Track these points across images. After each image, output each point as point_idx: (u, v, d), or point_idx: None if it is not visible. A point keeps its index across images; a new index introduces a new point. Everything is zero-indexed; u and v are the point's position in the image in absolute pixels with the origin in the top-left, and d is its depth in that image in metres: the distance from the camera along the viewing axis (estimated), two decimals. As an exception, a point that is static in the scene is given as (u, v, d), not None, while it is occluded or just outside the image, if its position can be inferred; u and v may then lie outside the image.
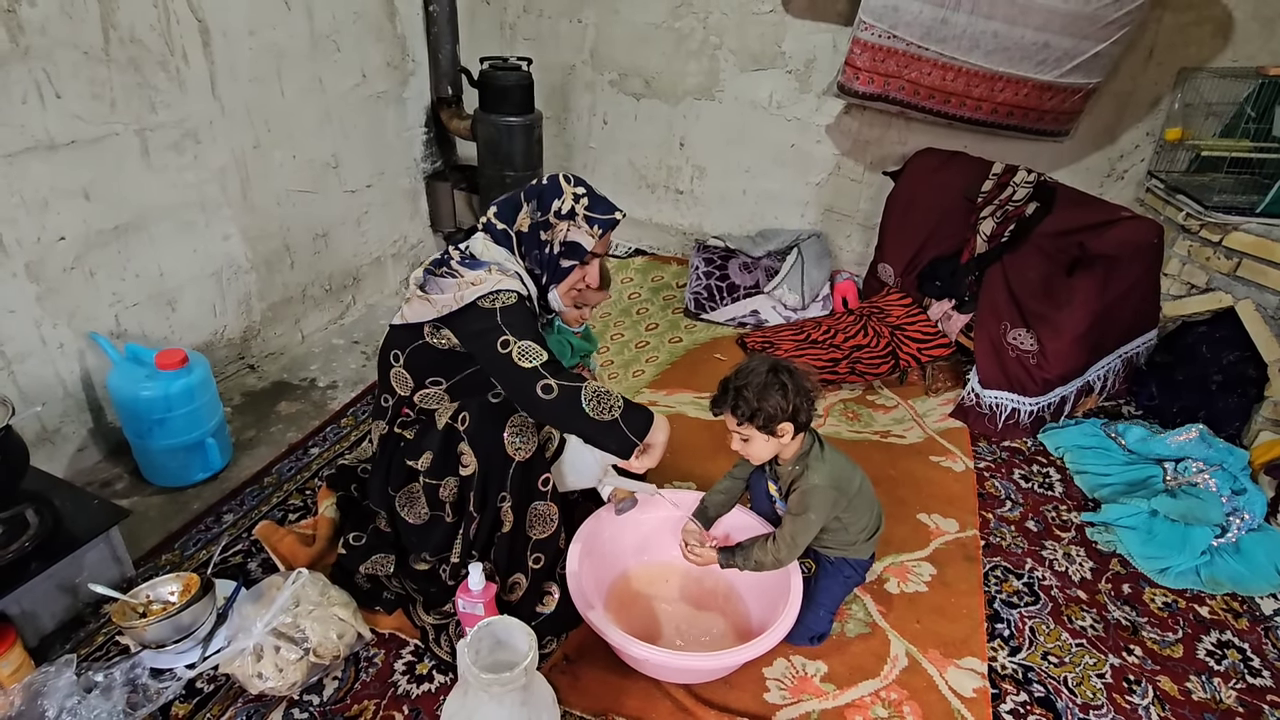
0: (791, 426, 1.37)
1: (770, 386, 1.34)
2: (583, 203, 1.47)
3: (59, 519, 1.46)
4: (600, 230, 1.48)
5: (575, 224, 1.46)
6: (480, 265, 1.43)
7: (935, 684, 1.49)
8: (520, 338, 1.33)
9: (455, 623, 1.50)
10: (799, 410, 1.36)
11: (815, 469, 1.42)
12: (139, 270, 1.93)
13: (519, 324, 1.35)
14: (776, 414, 1.35)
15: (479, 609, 1.41)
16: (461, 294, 1.37)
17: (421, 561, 1.55)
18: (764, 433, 1.38)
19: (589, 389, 1.33)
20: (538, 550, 1.47)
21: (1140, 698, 1.51)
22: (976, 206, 2.57)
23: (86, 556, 1.47)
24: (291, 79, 2.23)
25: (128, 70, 1.79)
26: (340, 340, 2.60)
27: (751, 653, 1.32)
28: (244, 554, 1.68)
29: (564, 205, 1.46)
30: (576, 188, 1.48)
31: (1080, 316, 2.16)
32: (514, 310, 1.37)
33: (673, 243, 3.43)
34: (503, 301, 1.37)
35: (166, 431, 1.77)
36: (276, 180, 2.28)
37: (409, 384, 1.46)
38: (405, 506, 1.47)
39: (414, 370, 1.45)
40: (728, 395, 1.39)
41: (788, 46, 2.88)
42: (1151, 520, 1.91)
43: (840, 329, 2.66)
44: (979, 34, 2.34)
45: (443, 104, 2.87)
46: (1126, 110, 2.63)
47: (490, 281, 1.38)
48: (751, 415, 1.36)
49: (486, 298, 1.36)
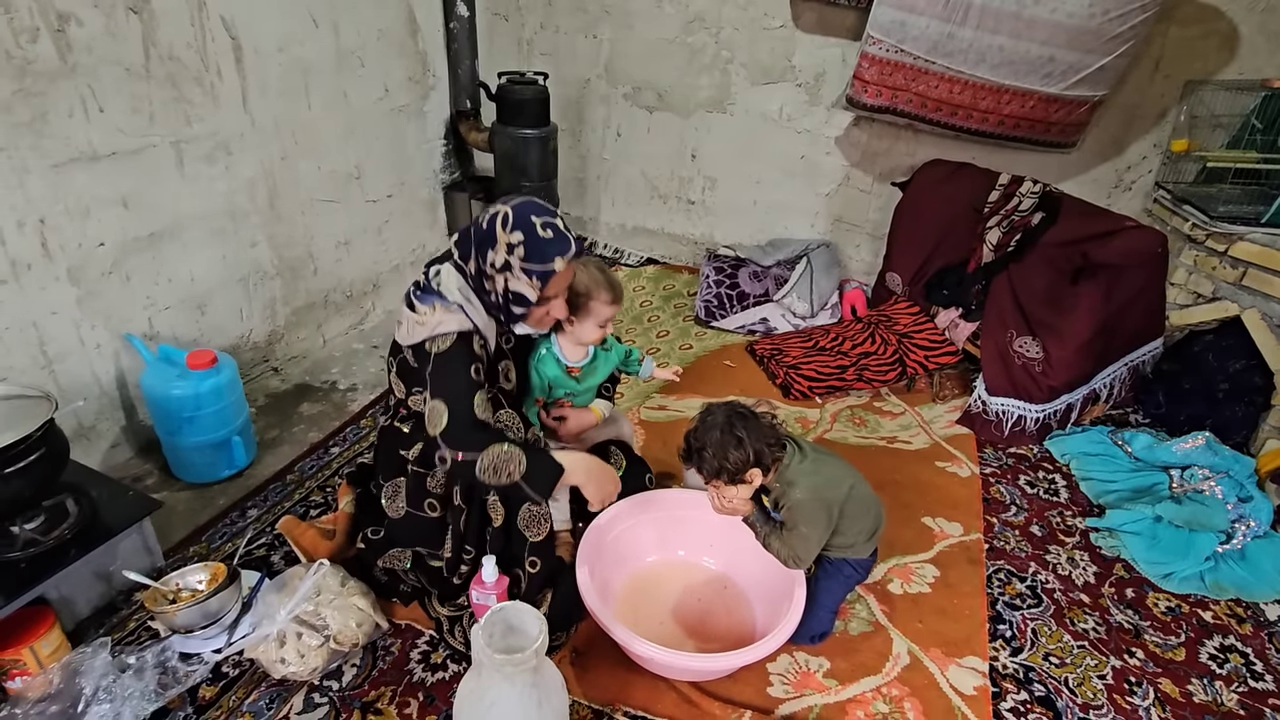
0: (759, 471, 1.40)
1: (727, 444, 1.37)
2: (517, 253, 1.35)
3: (96, 509, 1.53)
4: (539, 281, 1.37)
5: (512, 275, 1.37)
6: (427, 300, 1.40)
7: (936, 682, 1.52)
8: (435, 394, 1.35)
9: (469, 615, 1.55)
10: (761, 455, 1.38)
11: (797, 483, 1.42)
12: (172, 275, 2.02)
13: (442, 376, 1.36)
14: (739, 467, 1.38)
15: (492, 600, 1.47)
16: (411, 329, 1.40)
17: (436, 560, 1.61)
18: (733, 484, 1.41)
19: (486, 458, 1.32)
20: (534, 554, 1.51)
21: (1141, 699, 1.53)
22: (983, 217, 2.61)
23: (120, 546, 1.55)
24: (318, 93, 2.33)
25: (166, 85, 1.88)
26: (360, 345, 2.68)
27: (753, 656, 1.36)
28: (268, 547, 1.75)
29: (497, 257, 1.36)
30: (513, 233, 1.35)
31: (1084, 325, 2.18)
32: (444, 359, 1.36)
33: (684, 252, 3.49)
34: (438, 347, 1.36)
35: (195, 429, 1.85)
36: (302, 190, 2.37)
37: (401, 389, 1.52)
38: (389, 499, 1.52)
39: (402, 378, 1.50)
40: (691, 459, 1.43)
41: (798, 60, 2.95)
42: (1156, 526, 1.92)
43: (848, 337, 2.70)
44: (985, 48, 2.39)
45: (462, 117, 2.96)
46: (1134, 122, 2.66)
47: (431, 322, 1.37)
48: (717, 473, 1.40)
49: (428, 340, 1.37)
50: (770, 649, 1.36)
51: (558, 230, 1.38)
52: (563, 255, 1.37)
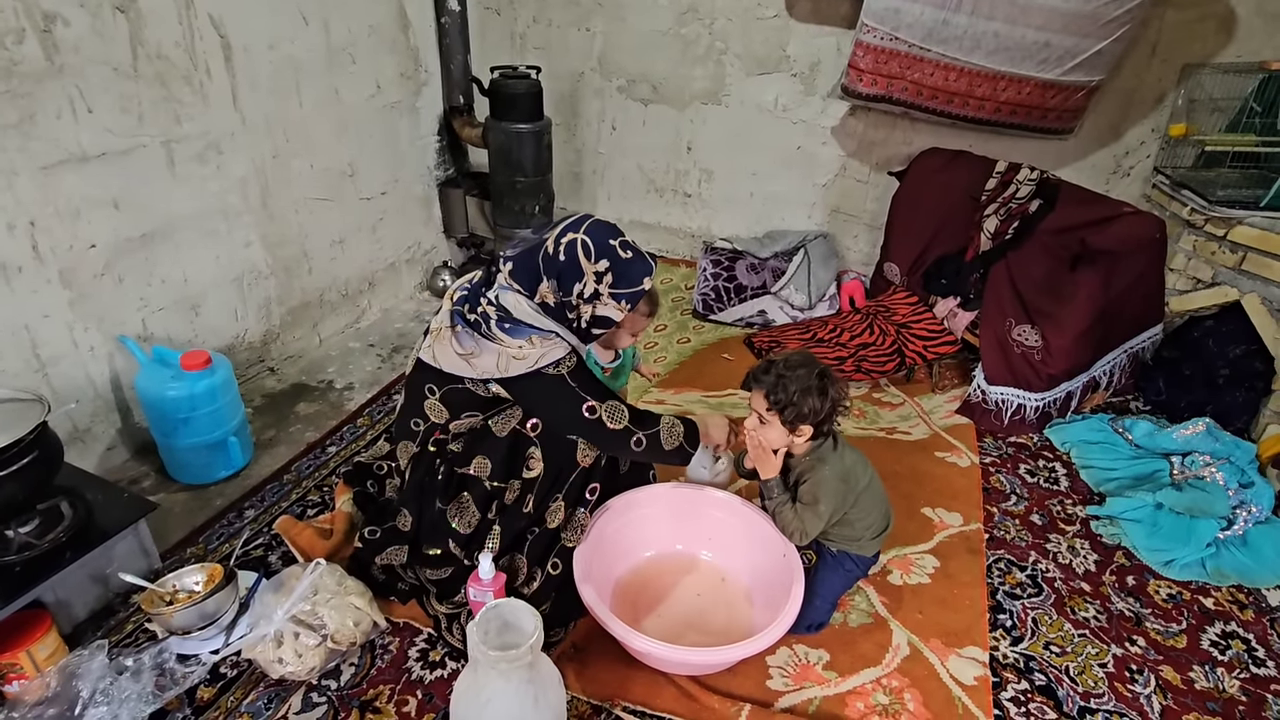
0: (811, 430, 1.44)
1: (812, 389, 1.40)
2: (606, 281, 1.36)
3: (91, 512, 1.53)
4: (629, 304, 1.40)
5: (600, 302, 1.38)
6: (520, 332, 1.38)
7: (936, 672, 1.51)
8: (602, 400, 1.42)
9: (467, 612, 1.55)
10: (826, 420, 1.43)
11: (827, 462, 1.47)
12: (165, 276, 2.01)
13: (592, 387, 1.42)
14: (807, 414, 1.41)
15: (489, 596, 1.46)
16: (507, 364, 1.37)
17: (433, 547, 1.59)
18: (786, 425, 1.44)
19: (663, 430, 1.48)
20: (561, 557, 1.51)
21: (1142, 686, 1.52)
22: (980, 205, 2.59)
23: (116, 548, 1.54)
24: (309, 91, 2.32)
25: (154, 85, 1.87)
26: (356, 344, 2.67)
27: (751, 649, 1.35)
28: (265, 547, 1.75)
29: (585, 288, 1.36)
30: (598, 263, 1.34)
31: (1083, 312, 2.17)
32: (580, 373, 1.42)
33: (681, 245, 3.48)
34: (567, 366, 1.40)
35: (191, 430, 1.85)
36: (295, 189, 2.36)
37: (444, 415, 1.48)
38: (456, 517, 1.49)
39: (450, 405, 1.47)
40: (768, 377, 1.44)
41: (792, 50, 2.93)
42: (1156, 513, 1.91)
43: (846, 328, 2.68)
44: (980, 34, 2.37)
45: (455, 113, 2.95)
46: (1131, 107, 2.64)
47: (533, 355, 1.37)
48: (783, 406, 1.42)
49: (550, 366, 1.38)
50: (768, 642, 1.35)
51: (634, 248, 1.41)
52: (649, 274, 1.41)
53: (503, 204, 2.91)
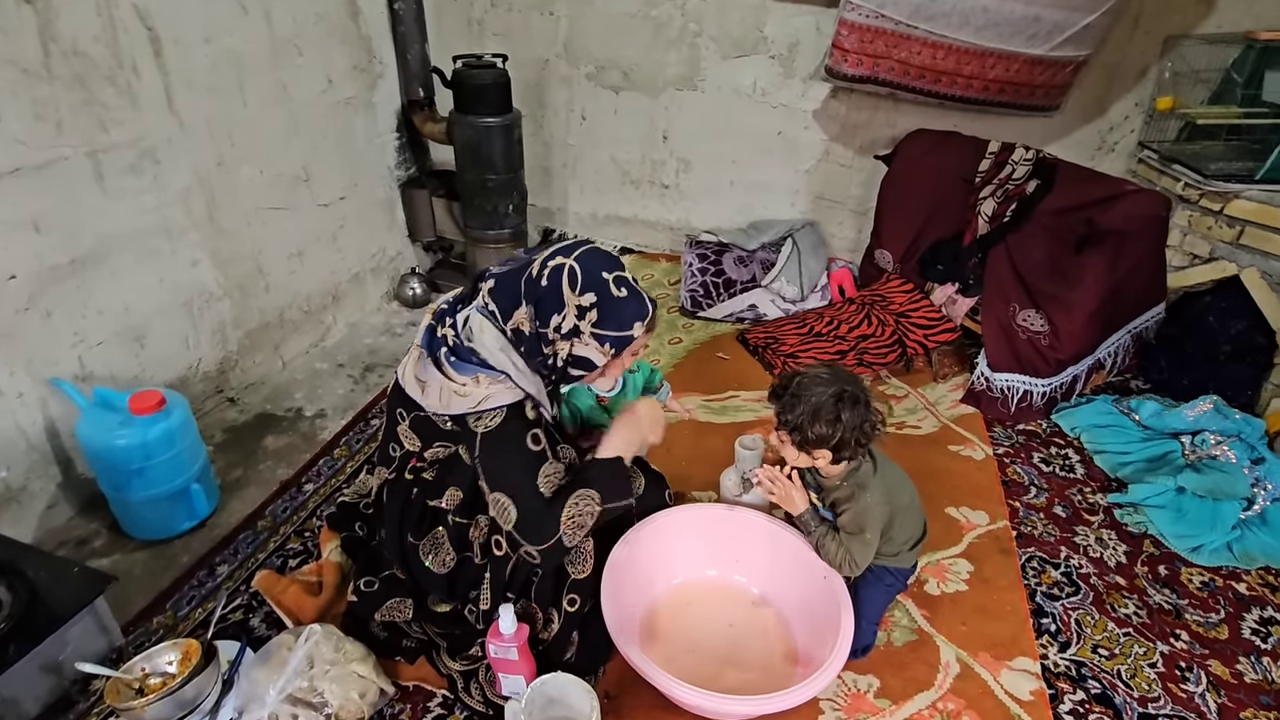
0: (830, 455, 1.33)
1: (824, 413, 1.28)
2: (589, 318, 1.18)
3: (35, 592, 1.31)
4: (613, 349, 1.21)
5: (580, 340, 1.21)
6: (467, 368, 1.21)
7: (990, 690, 1.44)
8: (494, 486, 1.23)
9: (485, 667, 1.39)
10: (843, 445, 1.31)
11: (869, 488, 1.37)
12: (101, 306, 1.77)
13: (496, 462, 1.23)
14: (816, 440, 1.30)
15: (512, 653, 1.31)
16: (449, 399, 1.22)
17: (442, 604, 1.44)
18: (797, 449, 1.34)
19: (568, 532, 1.23)
20: (573, 591, 1.36)
21: (1194, 685, 1.48)
22: (975, 187, 2.52)
23: (70, 631, 1.33)
24: (253, 88, 2.07)
25: (73, 87, 1.62)
26: (324, 364, 2.45)
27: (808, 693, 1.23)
28: (245, 609, 1.55)
29: (564, 322, 1.19)
30: (583, 296, 1.17)
31: (1093, 294, 2.12)
32: (494, 439, 1.22)
33: (661, 239, 3.33)
34: (486, 425, 1.21)
35: (147, 481, 1.63)
36: (245, 198, 2.12)
37: (417, 443, 1.33)
38: (430, 554, 1.35)
39: (420, 434, 1.32)
40: (784, 395, 1.34)
41: (769, 31, 2.79)
42: (1180, 498, 1.88)
43: (843, 319, 2.59)
44: (969, 10, 2.29)
45: (414, 107, 2.72)
46: (1115, 81, 2.60)
47: (475, 395, 1.20)
48: (791, 429, 1.32)
49: (472, 416, 1.21)
50: (825, 682, 1.24)
51: (631, 287, 1.21)
52: (641, 319, 1.21)
53: (473, 204, 2.71)
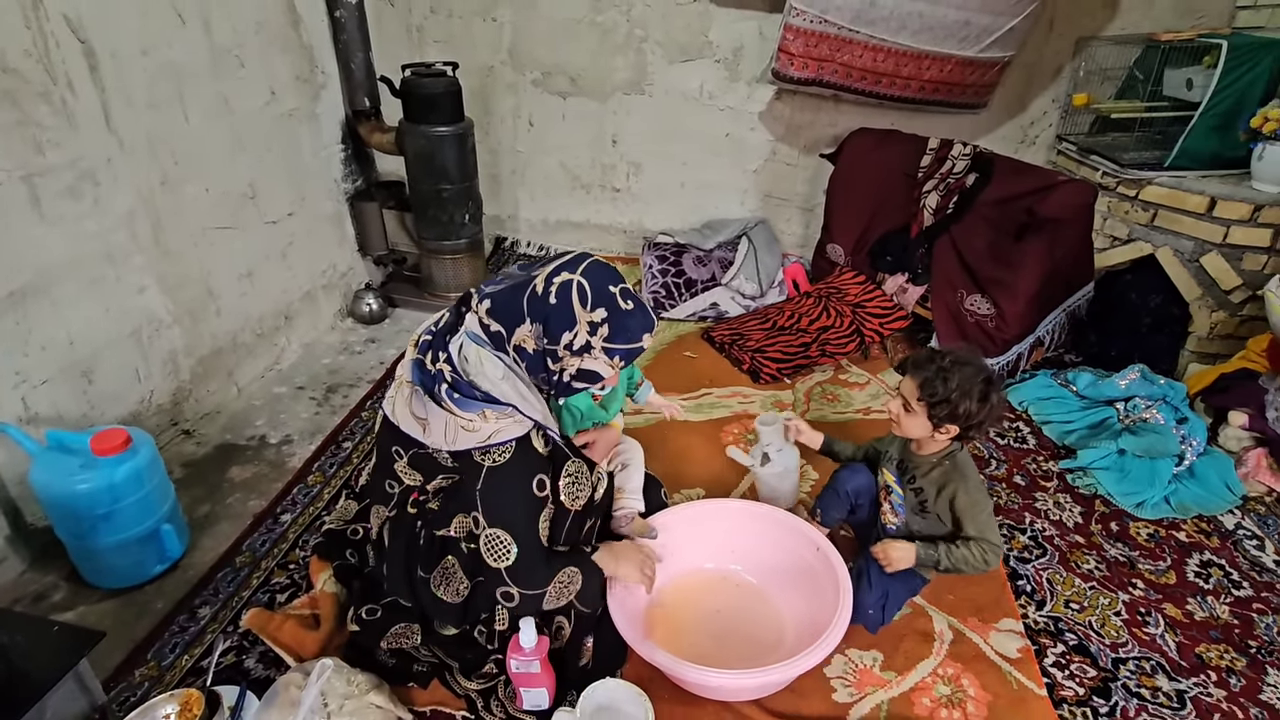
0: (956, 430, 1.41)
1: (973, 392, 1.36)
2: (601, 333, 1.18)
3: (9, 658, 1.21)
4: (624, 360, 1.22)
5: (590, 355, 1.20)
6: (473, 404, 1.19)
7: (983, 652, 1.54)
8: (494, 521, 1.21)
9: (504, 683, 1.38)
10: (978, 425, 1.40)
11: (967, 462, 1.48)
12: (44, 341, 1.64)
13: (500, 498, 1.22)
14: (962, 416, 1.38)
15: (534, 666, 1.30)
16: (455, 434, 1.20)
17: (450, 627, 1.41)
18: (932, 421, 1.41)
19: (552, 590, 1.27)
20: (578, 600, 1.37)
21: (1155, 627, 1.62)
22: (918, 182, 2.67)
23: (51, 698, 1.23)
24: (195, 102, 1.96)
25: (3, 106, 1.49)
26: (282, 388, 2.34)
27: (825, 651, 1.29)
28: (237, 650, 1.48)
29: (576, 339, 1.18)
30: (594, 311, 1.17)
31: (1033, 278, 2.29)
32: (501, 475, 1.21)
33: (615, 242, 3.35)
34: (493, 460, 1.20)
35: (114, 526, 1.52)
36: (190, 218, 2.00)
37: (418, 478, 1.31)
38: (441, 585, 1.31)
39: (421, 470, 1.30)
40: (930, 368, 1.39)
41: (714, 36, 2.87)
42: (1121, 459, 2.06)
43: (803, 312, 2.69)
44: (905, 15, 2.42)
45: (360, 117, 2.64)
46: (1034, 80, 2.81)
47: (484, 430, 1.19)
48: (937, 401, 1.38)
49: (478, 451, 1.20)
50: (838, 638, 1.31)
51: (635, 299, 1.22)
52: (649, 330, 1.23)
53: (427, 215, 2.65)
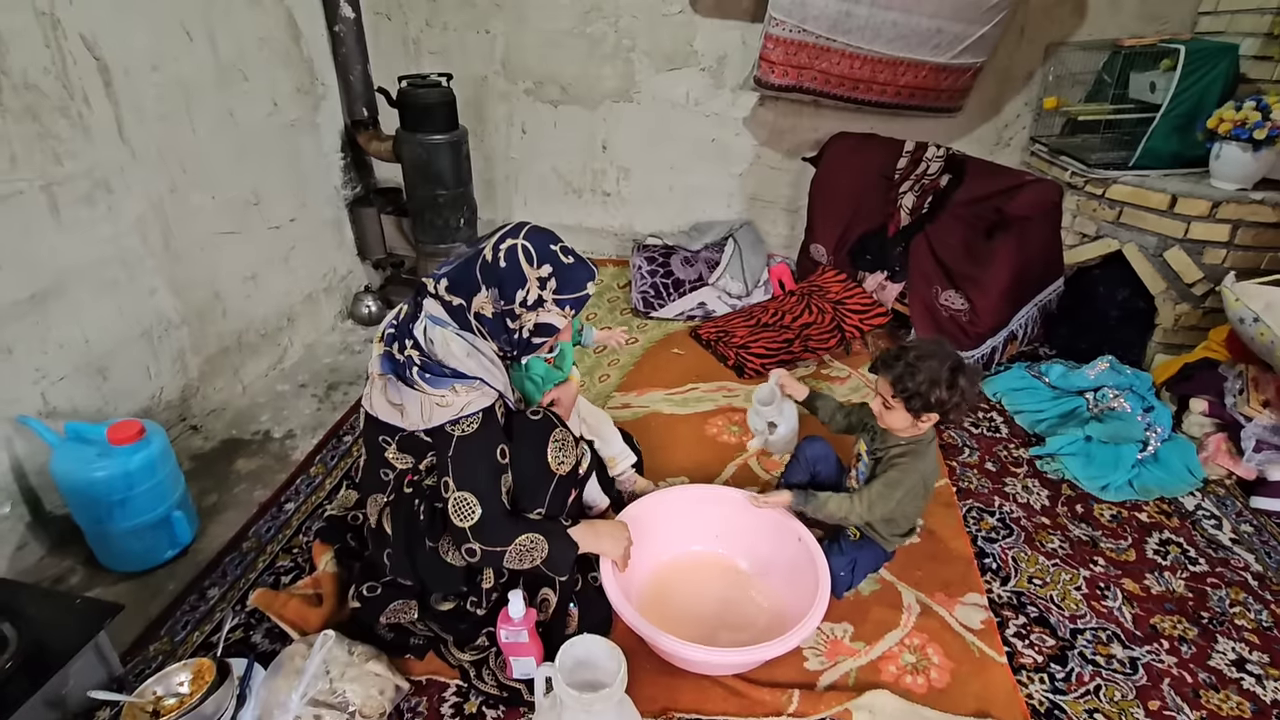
0: (936, 418, 1.49)
1: (941, 381, 1.44)
2: (550, 286, 1.31)
3: (34, 630, 1.30)
4: (573, 310, 1.35)
5: (544, 309, 1.33)
6: (443, 380, 1.30)
7: (948, 623, 1.63)
8: (462, 485, 1.31)
9: (495, 654, 1.47)
10: (951, 412, 1.48)
11: (923, 456, 1.56)
12: (62, 340, 1.74)
13: (467, 464, 1.31)
14: (935, 405, 1.46)
15: (523, 636, 1.40)
16: (430, 414, 1.30)
17: (446, 601, 1.51)
18: (910, 413, 1.50)
19: (513, 550, 1.34)
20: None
21: (1113, 600, 1.72)
22: (895, 183, 2.77)
23: (74, 665, 1.33)
24: (201, 114, 2.07)
25: (25, 120, 1.60)
26: (285, 385, 2.44)
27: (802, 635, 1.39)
28: (244, 627, 1.57)
29: (529, 295, 1.31)
30: (540, 268, 1.30)
31: (1004, 274, 2.39)
32: (468, 444, 1.31)
33: (605, 244, 3.46)
34: (463, 430, 1.30)
35: (129, 512, 1.62)
36: (198, 224, 2.11)
37: (410, 460, 1.40)
38: (450, 551, 1.40)
39: (412, 452, 1.39)
40: (897, 365, 1.47)
41: (699, 45, 2.98)
42: (1088, 446, 2.15)
43: (786, 310, 2.79)
44: (880, 24, 2.53)
45: (358, 127, 2.75)
46: (1007, 84, 2.92)
47: (456, 404, 1.30)
48: (909, 396, 1.47)
49: (450, 424, 1.30)
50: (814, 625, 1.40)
51: (575, 254, 1.35)
52: (591, 279, 1.35)
53: (424, 219, 2.75)
